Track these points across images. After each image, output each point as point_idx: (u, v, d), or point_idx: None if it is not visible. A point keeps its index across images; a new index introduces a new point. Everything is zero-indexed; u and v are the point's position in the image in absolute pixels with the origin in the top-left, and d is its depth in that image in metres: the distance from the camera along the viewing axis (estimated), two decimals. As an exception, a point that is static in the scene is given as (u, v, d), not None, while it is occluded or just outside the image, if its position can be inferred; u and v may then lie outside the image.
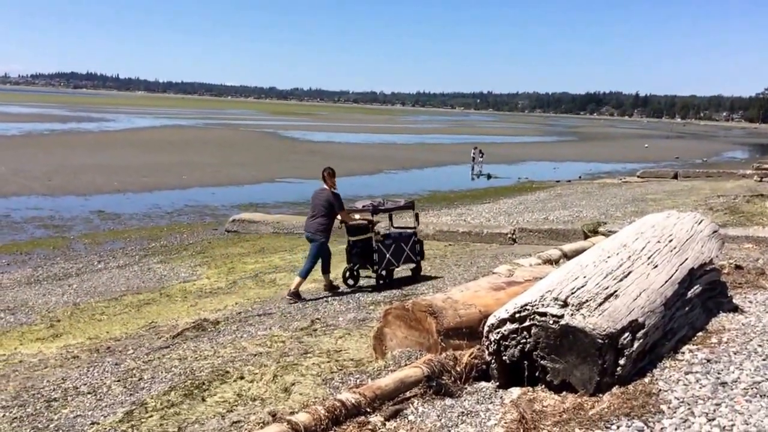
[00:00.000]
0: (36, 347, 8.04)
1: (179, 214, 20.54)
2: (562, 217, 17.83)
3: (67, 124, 64.76)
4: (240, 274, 12.05)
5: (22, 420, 5.00)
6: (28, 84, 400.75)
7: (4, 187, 23.67)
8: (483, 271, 9.68)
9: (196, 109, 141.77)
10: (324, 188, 9.64)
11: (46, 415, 5.06)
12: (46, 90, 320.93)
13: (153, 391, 5.27)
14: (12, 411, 5.21)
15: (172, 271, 12.74)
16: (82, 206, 21.02)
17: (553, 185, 30.58)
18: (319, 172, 10.13)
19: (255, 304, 9.31)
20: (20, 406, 5.31)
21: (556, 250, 10.08)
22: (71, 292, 11.23)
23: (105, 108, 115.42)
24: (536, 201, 23.54)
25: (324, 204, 9.48)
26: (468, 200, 25.33)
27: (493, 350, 4.29)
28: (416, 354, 5.01)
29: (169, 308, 9.75)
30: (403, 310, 5.28)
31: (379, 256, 9.57)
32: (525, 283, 5.56)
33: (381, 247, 9.60)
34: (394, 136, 73.04)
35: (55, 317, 9.59)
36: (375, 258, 9.54)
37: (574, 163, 47.46)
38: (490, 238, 14.56)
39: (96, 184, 25.71)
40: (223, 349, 6.47)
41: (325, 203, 9.48)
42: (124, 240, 16.51)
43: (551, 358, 4.02)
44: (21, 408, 5.25)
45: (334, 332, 6.67)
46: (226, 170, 32.10)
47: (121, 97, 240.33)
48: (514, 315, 4.17)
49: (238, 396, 4.96)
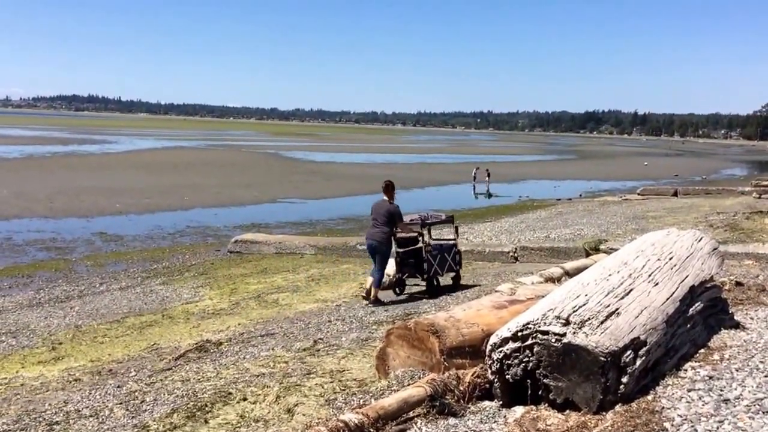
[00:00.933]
0: (38, 370, 8.04)
1: (181, 236, 20.58)
2: (563, 236, 17.85)
3: (68, 146, 65.03)
4: (242, 295, 12.05)
5: (24, 443, 5.00)
6: (30, 107, 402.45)
7: (6, 209, 23.73)
8: (485, 289, 9.69)
9: (198, 130, 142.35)
10: (384, 200, 10.44)
11: (48, 438, 5.06)
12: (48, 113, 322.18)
13: (155, 414, 5.25)
14: (13, 435, 5.20)
15: (174, 292, 12.74)
16: (84, 228, 21.06)
17: (554, 203, 30.62)
18: (320, 191, 10.37)
19: (258, 324, 9.31)
20: (22, 429, 5.29)
21: (557, 268, 10.08)
22: (73, 315, 11.23)
23: (107, 130, 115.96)
24: (537, 219, 23.57)
25: (385, 215, 10.28)
26: (469, 219, 25.34)
27: (496, 369, 4.29)
28: (419, 373, 5.01)
29: (172, 330, 9.75)
30: (405, 329, 5.28)
31: (428, 265, 10.48)
32: (527, 302, 5.57)
33: (430, 258, 10.50)
34: (395, 155, 73.28)
35: (56, 340, 9.59)
36: (425, 267, 10.47)
37: (575, 182, 47.54)
38: (492, 257, 14.58)
39: (98, 206, 25.78)
40: (225, 371, 6.46)
41: (386, 214, 10.27)
42: (126, 262, 16.52)
43: (554, 376, 4.02)
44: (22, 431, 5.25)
45: (337, 352, 6.67)
46: (228, 191, 32.18)
47: (123, 119, 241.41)
48: (517, 334, 4.18)
49: (241, 417, 4.95)
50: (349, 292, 11.55)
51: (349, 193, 33.55)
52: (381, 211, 10.29)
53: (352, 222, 24.61)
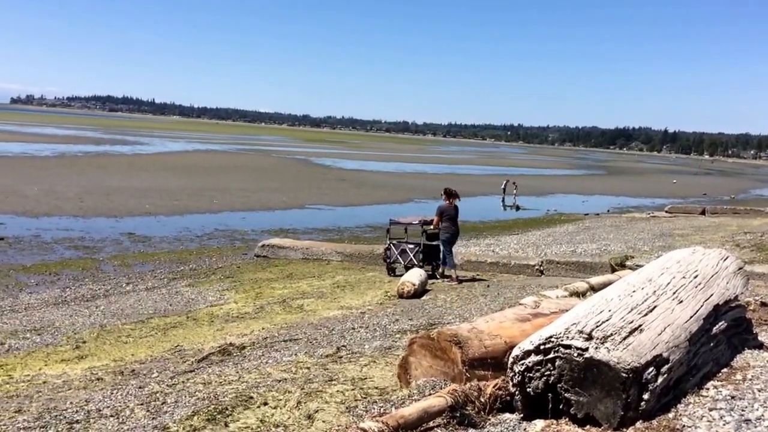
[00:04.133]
0: (61, 368, 8.08)
1: (209, 238, 20.77)
2: (589, 250, 17.72)
3: (100, 146, 66.13)
4: (267, 299, 12.10)
5: (44, 442, 5.05)
6: (65, 106, 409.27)
7: (37, 207, 24.15)
8: (509, 302, 9.64)
9: (229, 134, 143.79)
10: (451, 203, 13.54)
11: (68, 437, 5.10)
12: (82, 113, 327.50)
13: (176, 416, 5.25)
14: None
15: (199, 294, 12.84)
16: (113, 228, 21.34)
17: (582, 218, 30.43)
18: (348, 199, 10.60)
19: (281, 329, 9.34)
20: (42, 427, 5.30)
21: (583, 282, 10.01)
22: (98, 314, 11.33)
23: (139, 131, 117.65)
24: (564, 233, 23.42)
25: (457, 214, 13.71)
26: (497, 231, 25.27)
27: (517, 381, 4.27)
28: (441, 383, 4.99)
29: (196, 332, 9.81)
30: (428, 339, 5.27)
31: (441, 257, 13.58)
32: (551, 315, 5.53)
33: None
34: (424, 165, 73.33)
35: (81, 339, 9.65)
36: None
37: (603, 197, 47.18)
38: (517, 270, 14.51)
39: (127, 206, 26.13)
40: (247, 375, 6.48)
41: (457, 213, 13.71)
42: (153, 262, 16.70)
43: (575, 390, 3.99)
44: (43, 429, 5.25)
45: (360, 360, 6.66)
46: (257, 195, 32.44)
47: (155, 121, 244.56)
48: (539, 347, 4.15)
49: (261, 422, 4.95)
50: (374, 300, 11.57)
51: (378, 201, 33.62)
52: (453, 212, 13.48)
53: (379, 230, 24.61)
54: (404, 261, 14.13)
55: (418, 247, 14.03)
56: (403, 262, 14.15)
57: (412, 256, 14.03)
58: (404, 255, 14.15)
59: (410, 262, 13.93)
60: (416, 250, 14.00)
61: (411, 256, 14.04)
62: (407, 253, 14.11)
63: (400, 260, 14.20)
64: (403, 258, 14.18)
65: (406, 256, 14.12)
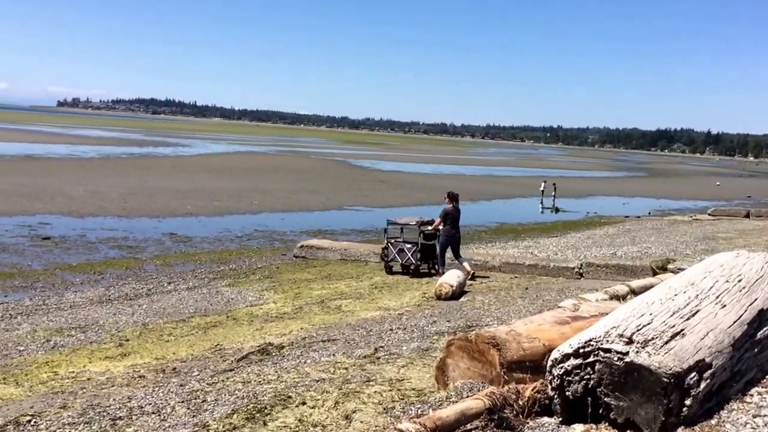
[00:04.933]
0: (104, 365, 8.21)
1: (249, 239, 21.00)
2: (630, 253, 17.46)
3: (144, 148, 67.38)
4: (306, 300, 12.17)
5: (88, 437, 5.15)
6: (109, 109, 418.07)
7: (82, 207, 24.70)
8: (548, 304, 9.55)
9: (269, 136, 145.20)
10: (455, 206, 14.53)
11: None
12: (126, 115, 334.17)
13: (216, 414, 5.31)
14: (78, 428, 5.31)
15: (239, 294, 12.97)
16: (155, 228, 21.71)
17: (622, 221, 30.02)
18: (386, 200, 10.69)
19: (320, 329, 9.39)
20: (86, 423, 5.39)
21: (623, 285, 9.84)
22: (141, 312, 11.50)
23: (181, 133, 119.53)
24: (604, 236, 23.12)
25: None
26: (535, 233, 25.07)
27: (556, 385, 4.23)
28: (479, 386, 4.98)
29: (235, 331, 9.91)
30: (466, 341, 5.26)
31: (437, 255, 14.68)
32: (590, 319, 5.47)
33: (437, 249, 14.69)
34: (462, 167, 73.08)
35: (124, 336, 9.80)
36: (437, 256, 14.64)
37: (644, 199, 46.45)
38: (556, 272, 14.37)
39: (169, 207, 26.56)
40: (286, 374, 6.53)
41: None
42: (194, 262, 16.95)
43: (615, 395, 3.94)
44: (87, 425, 5.34)
45: (397, 361, 6.67)
46: (296, 197, 32.69)
47: (197, 123, 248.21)
48: (578, 350, 4.11)
49: (300, 422, 4.98)
50: (411, 301, 11.56)
51: (415, 202, 33.58)
52: (457, 215, 14.44)
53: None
54: (402, 260, 14.62)
55: (415, 247, 14.47)
56: (400, 261, 14.65)
57: (410, 255, 14.49)
58: (402, 254, 14.58)
59: (408, 261, 14.54)
60: (414, 249, 14.46)
61: (409, 255, 14.51)
62: (405, 252, 14.54)
63: (398, 259, 14.65)
64: (400, 257, 14.62)
65: (403, 255, 14.56)
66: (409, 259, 14.53)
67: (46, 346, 9.37)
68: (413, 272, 14.55)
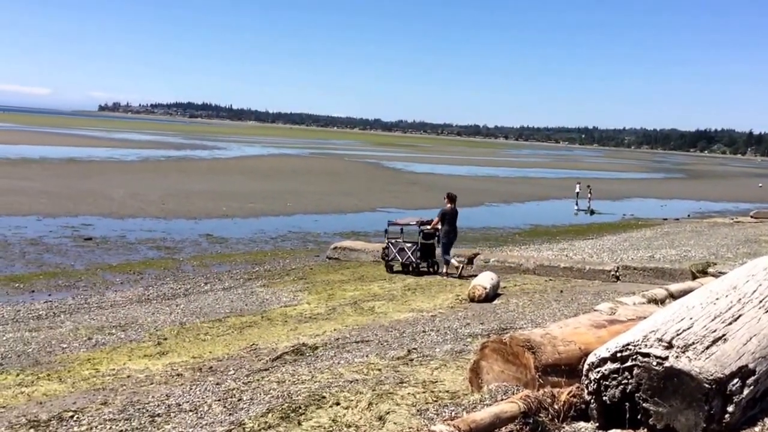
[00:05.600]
0: (143, 363, 8.34)
1: (283, 240, 21.14)
2: (668, 256, 17.17)
3: (181, 151, 68.33)
4: (339, 301, 12.22)
5: (127, 434, 5.23)
6: (148, 113, 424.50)
7: (122, 209, 25.17)
8: (584, 308, 9.45)
9: (302, 138, 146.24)
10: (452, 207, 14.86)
11: (149, 429, 5.23)
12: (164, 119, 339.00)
13: (251, 412, 5.36)
14: (118, 424, 5.41)
15: (274, 295, 13.08)
16: (192, 229, 22.00)
17: (660, 223, 29.56)
18: (419, 202, 10.73)
19: (353, 330, 9.41)
20: (126, 419, 5.49)
21: (661, 289, 9.70)
22: (178, 312, 11.68)
23: (217, 137, 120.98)
24: (642, 239, 22.78)
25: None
26: (570, 235, 24.81)
27: (592, 389, 4.18)
28: (513, 389, 4.93)
29: (270, 331, 9.98)
30: (500, 343, 5.22)
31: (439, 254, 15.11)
32: (628, 323, 5.38)
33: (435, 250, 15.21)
34: (496, 169, 72.66)
35: (162, 335, 9.96)
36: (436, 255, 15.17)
37: (683, 201, 45.68)
38: (592, 275, 14.20)
39: (206, 208, 26.89)
40: (320, 374, 6.56)
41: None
42: (230, 263, 17.13)
43: (654, 401, 3.87)
44: (126, 422, 5.44)
45: (431, 363, 6.65)
46: (329, 198, 32.84)
47: (233, 127, 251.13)
48: (616, 354, 4.05)
49: (333, 422, 5.00)
50: (444, 303, 11.53)
51: (448, 204, 33.46)
52: (454, 216, 14.83)
53: (449, 234, 24.55)
54: (402, 258, 15.20)
55: (415, 246, 15.06)
56: (401, 260, 15.22)
57: (410, 254, 15.06)
58: (402, 253, 15.16)
59: (408, 260, 15.14)
60: (414, 248, 15.04)
61: (409, 254, 15.08)
62: (405, 251, 15.12)
63: (398, 258, 15.20)
64: (401, 256, 15.19)
65: (404, 254, 15.14)
66: (409, 258, 15.07)
67: (87, 344, 9.57)
68: (413, 270, 15.06)
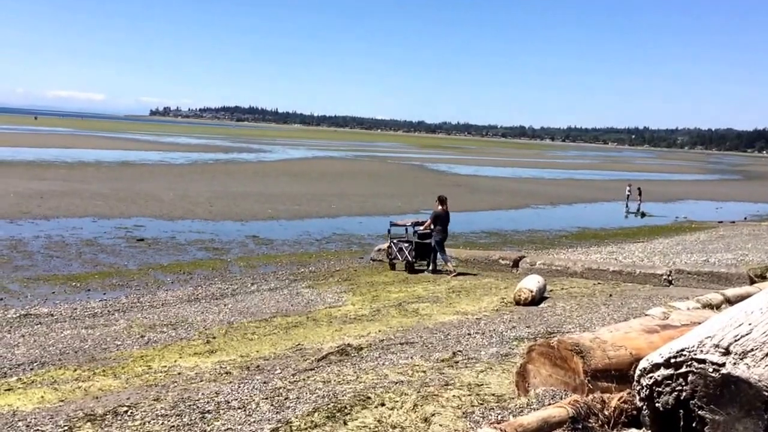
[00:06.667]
0: (193, 361, 8.50)
1: (327, 242, 21.26)
2: (724, 260, 16.71)
3: (229, 154, 69.39)
4: (384, 303, 12.22)
5: (179, 429, 5.26)
6: (197, 117, 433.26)
7: (172, 211, 25.65)
8: (634, 312, 9.23)
9: (347, 141, 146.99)
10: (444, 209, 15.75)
11: (200, 426, 5.29)
12: (212, 123, 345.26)
13: (298, 411, 5.39)
14: (170, 420, 5.50)
15: (319, 296, 13.16)
16: (239, 231, 22.29)
17: (715, 226, 28.81)
18: (463, 204, 10.63)
19: (397, 332, 9.39)
20: (177, 415, 5.59)
21: (717, 294, 9.40)
22: (226, 311, 11.86)
23: (263, 140, 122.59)
24: (695, 242, 22.23)
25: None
26: (620, 238, 24.37)
27: (645, 396, 4.06)
28: (561, 394, 4.84)
29: (315, 332, 10.04)
30: (548, 347, 5.12)
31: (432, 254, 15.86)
32: (681, 328, 5.23)
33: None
34: (542, 170, 71.89)
35: (211, 334, 10.12)
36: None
37: (739, 204, 44.48)
38: (642, 279, 13.88)
39: (252, 210, 27.24)
40: (365, 375, 6.55)
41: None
42: (275, 264, 17.30)
43: (710, 408, 3.74)
44: (178, 417, 5.53)
45: (476, 365, 6.58)
46: (373, 201, 32.91)
47: (278, 130, 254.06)
48: (669, 360, 3.93)
49: (379, 422, 4.98)
50: (490, 306, 11.42)
51: (493, 207, 33.25)
52: (446, 218, 15.69)
53: (495, 236, 24.37)
54: (401, 257, 16.12)
55: (411, 245, 16.05)
56: (400, 258, 16.13)
57: (407, 253, 15.99)
58: (401, 252, 16.09)
59: (405, 258, 16.02)
60: (410, 248, 16.02)
61: (406, 253, 15.99)
62: (403, 251, 16.05)
63: (399, 257, 16.16)
64: (400, 255, 16.11)
65: (402, 254, 16.07)
66: (407, 257, 15.98)
67: (140, 342, 9.80)
68: (408, 268, 15.95)
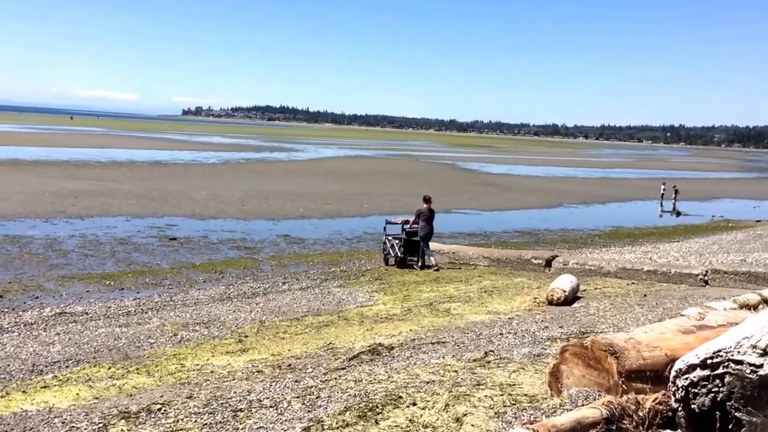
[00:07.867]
0: (225, 360, 8.57)
1: (358, 241, 21.32)
2: (762, 260, 16.38)
3: (260, 153, 69.96)
4: (415, 302, 12.21)
5: (211, 427, 5.31)
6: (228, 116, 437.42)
7: (205, 210, 25.94)
8: (669, 313, 9.10)
9: (378, 140, 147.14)
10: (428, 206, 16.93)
11: (232, 424, 5.33)
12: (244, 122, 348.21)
13: (329, 410, 5.40)
14: (203, 417, 5.55)
15: (350, 295, 13.20)
16: (271, 230, 22.46)
17: (753, 225, 28.28)
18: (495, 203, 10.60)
19: (429, 332, 9.37)
20: (210, 413, 5.64)
21: (754, 294, 9.23)
22: (258, 310, 11.94)
23: (294, 139, 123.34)
24: (732, 241, 21.84)
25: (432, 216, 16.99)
26: (654, 238, 24.05)
27: (680, 397, 4.00)
28: (594, 394, 4.79)
29: (346, 331, 10.06)
30: (581, 347, 5.07)
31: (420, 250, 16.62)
32: (718, 329, 5.14)
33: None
34: (575, 169, 71.21)
35: (243, 333, 10.20)
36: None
37: (778, 202, 43.51)
38: (678, 279, 13.68)
39: (283, 209, 27.41)
40: (396, 374, 6.55)
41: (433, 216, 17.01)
42: (307, 263, 17.40)
43: (747, 410, 3.67)
44: (210, 415, 5.58)
45: (508, 366, 6.54)
46: (405, 200, 32.86)
47: (309, 129, 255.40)
48: (706, 361, 3.87)
49: (410, 422, 4.98)
50: (522, 306, 11.35)
51: (525, 206, 33.02)
52: (429, 215, 16.75)
53: (527, 235, 24.20)
54: (393, 253, 17.05)
55: (400, 242, 17.03)
56: (393, 254, 17.04)
57: (397, 249, 16.94)
58: (393, 249, 17.08)
59: (396, 253, 16.95)
60: (399, 244, 16.99)
61: (396, 249, 16.94)
62: (395, 247, 17.03)
63: (392, 253, 17.08)
64: (392, 251, 17.07)
65: (394, 250, 17.05)
66: (397, 252, 16.94)
67: (173, 340, 9.92)
68: (398, 263, 16.85)
